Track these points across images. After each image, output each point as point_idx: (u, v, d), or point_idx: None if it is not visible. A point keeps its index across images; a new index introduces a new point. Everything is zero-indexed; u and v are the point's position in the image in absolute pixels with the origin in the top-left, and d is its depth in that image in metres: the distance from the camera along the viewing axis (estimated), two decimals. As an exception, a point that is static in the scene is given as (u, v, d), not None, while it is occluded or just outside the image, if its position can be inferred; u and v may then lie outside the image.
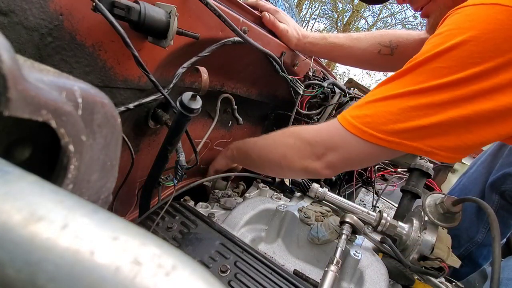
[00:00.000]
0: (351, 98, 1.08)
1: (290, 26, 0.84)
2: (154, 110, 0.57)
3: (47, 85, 0.14)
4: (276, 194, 0.76)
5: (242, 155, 0.76)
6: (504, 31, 0.46)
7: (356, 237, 0.61)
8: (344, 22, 10.84)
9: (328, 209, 0.66)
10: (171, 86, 0.50)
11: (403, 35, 0.88)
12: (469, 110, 0.49)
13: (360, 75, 11.99)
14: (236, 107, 0.77)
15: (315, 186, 0.73)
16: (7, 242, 0.09)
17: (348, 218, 0.58)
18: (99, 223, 0.11)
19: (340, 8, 10.79)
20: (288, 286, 0.50)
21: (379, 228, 0.65)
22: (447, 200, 0.59)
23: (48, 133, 0.14)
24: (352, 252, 0.57)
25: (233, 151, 0.79)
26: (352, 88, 1.33)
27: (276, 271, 0.51)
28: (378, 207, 1.13)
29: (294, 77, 0.85)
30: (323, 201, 0.73)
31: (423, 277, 0.61)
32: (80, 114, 0.16)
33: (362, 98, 0.60)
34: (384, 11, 10.47)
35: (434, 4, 0.68)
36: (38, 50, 0.33)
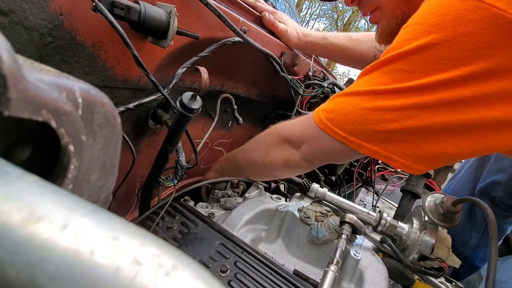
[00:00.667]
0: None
1: (289, 26, 0.84)
2: (154, 110, 0.57)
3: (47, 85, 0.14)
4: (276, 194, 0.76)
5: (230, 164, 0.76)
6: (477, 36, 0.39)
7: (356, 237, 0.61)
8: (344, 22, 10.84)
9: (328, 209, 0.66)
10: (171, 86, 0.50)
11: None
12: (427, 120, 0.45)
13: (360, 75, 11.96)
14: (236, 107, 0.77)
15: (315, 186, 0.73)
16: (7, 242, 0.09)
17: (348, 218, 0.58)
18: (99, 223, 0.11)
19: (340, 8, 10.80)
20: (288, 286, 0.50)
21: (379, 228, 0.65)
22: (447, 200, 0.59)
23: (48, 133, 0.14)
24: (352, 252, 0.57)
25: (221, 163, 0.79)
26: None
27: (276, 271, 0.51)
28: (378, 207, 1.13)
29: (294, 77, 0.85)
30: (323, 201, 0.73)
31: (423, 277, 0.61)
32: (80, 114, 0.16)
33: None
34: (384, 11, 10.45)
35: (381, 13, 0.64)
36: (38, 50, 0.33)
